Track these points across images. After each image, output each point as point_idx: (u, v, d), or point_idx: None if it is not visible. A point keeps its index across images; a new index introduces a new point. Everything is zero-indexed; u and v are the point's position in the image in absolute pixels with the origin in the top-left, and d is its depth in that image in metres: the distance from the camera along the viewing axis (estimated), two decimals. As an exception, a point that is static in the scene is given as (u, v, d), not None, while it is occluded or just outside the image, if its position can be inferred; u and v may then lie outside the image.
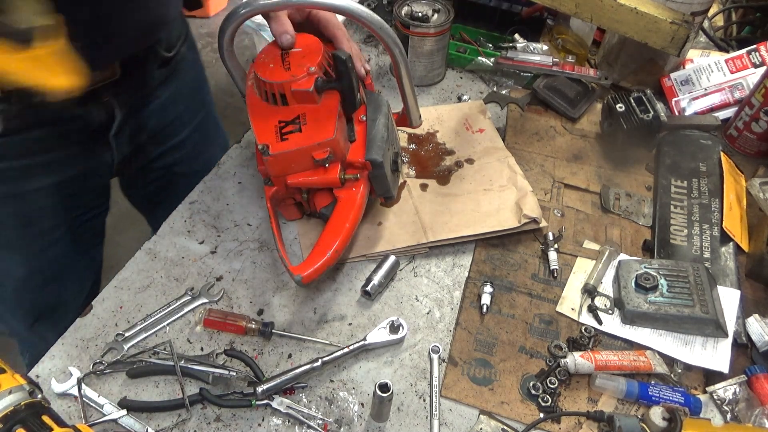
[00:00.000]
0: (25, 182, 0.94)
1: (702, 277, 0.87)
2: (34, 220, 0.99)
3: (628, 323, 0.87)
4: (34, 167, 0.93)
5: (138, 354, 0.81)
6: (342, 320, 0.87)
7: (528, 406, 0.79)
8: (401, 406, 0.79)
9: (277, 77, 0.83)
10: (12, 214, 0.96)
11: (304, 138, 0.81)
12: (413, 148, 1.11)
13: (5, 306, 1.10)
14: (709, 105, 1.21)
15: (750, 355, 0.85)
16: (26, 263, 1.02)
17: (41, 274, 1.05)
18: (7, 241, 0.99)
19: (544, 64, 1.24)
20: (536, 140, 1.15)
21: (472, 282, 0.92)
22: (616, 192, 1.06)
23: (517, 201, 0.98)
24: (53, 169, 0.96)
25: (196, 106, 1.19)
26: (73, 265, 1.11)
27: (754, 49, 1.22)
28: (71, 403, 0.77)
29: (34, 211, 0.98)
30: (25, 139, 0.90)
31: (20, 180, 0.93)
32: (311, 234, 0.96)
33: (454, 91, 1.27)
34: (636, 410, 0.78)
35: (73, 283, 1.13)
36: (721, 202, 1.01)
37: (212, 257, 0.94)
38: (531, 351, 0.84)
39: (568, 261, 0.95)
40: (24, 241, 1.00)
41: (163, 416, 0.76)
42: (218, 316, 0.84)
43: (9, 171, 0.92)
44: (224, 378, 0.78)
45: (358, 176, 0.85)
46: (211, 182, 1.05)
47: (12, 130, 0.87)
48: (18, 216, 0.97)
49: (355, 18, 0.83)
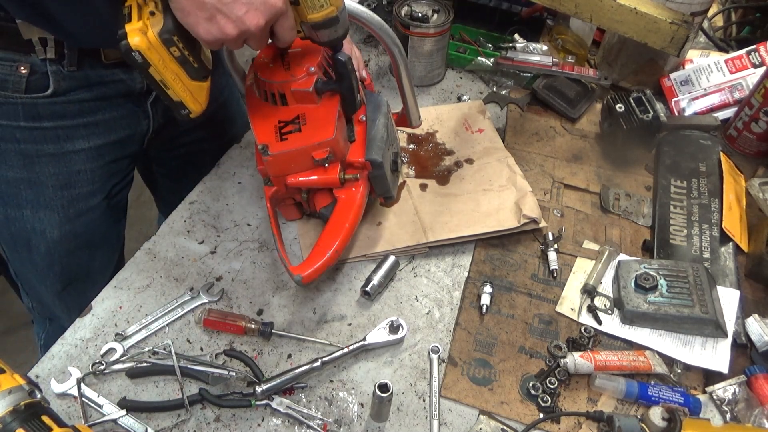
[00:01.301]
0: (68, 143, 0.96)
1: (701, 278, 0.87)
2: (74, 182, 1.01)
3: (627, 323, 0.87)
4: (78, 128, 0.96)
5: (137, 354, 0.81)
6: (342, 320, 0.87)
7: (527, 406, 0.79)
8: (401, 406, 0.79)
9: (276, 77, 0.83)
10: (53, 174, 0.98)
11: (303, 138, 0.81)
12: (413, 148, 1.11)
13: (36, 270, 1.11)
14: (709, 105, 1.21)
15: (749, 355, 0.85)
16: (61, 225, 1.04)
17: (75, 239, 1.07)
18: (46, 201, 1.01)
19: (543, 64, 1.24)
20: (536, 140, 1.15)
21: (471, 282, 0.92)
22: (616, 192, 1.06)
23: (516, 201, 0.98)
24: (95, 132, 0.98)
25: (222, 83, 1.19)
26: (104, 234, 1.12)
27: (753, 49, 1.22)
28: (71, 404, 0.77)
29: (74, 174, 1.00)
30: (72, 101, 0.92)
31: (63, 141, 0.96)
32: (311, 234, 0.96)
33: (453, 92, 1.27)
34: (635, 410, 0.78)
35: (102, 253, 1.15)
36: (721, 202, 1.01)
37: (212, 257, 0.94)
38: (531, 351, 0.84)
39: (567, 261, 0.95)
40: (62, 202, 1.02)
41: (162, 416, 0.76)
42: (218, 316, 0.84)
43: (54, 130, 0.94)
44: (224, 378, 0.78)
45: (358, 176, 0.85)
46: (210, 182, 1.05)
47: (61, 91, 0.90)
48: (58, 176, 0.99)
49: (354, 18, 0.83)
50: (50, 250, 1.06)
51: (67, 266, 1.10)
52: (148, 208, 2.40)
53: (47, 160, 0.96)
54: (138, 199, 2.44)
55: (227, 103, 1.24)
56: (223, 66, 1.18)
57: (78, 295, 1.15)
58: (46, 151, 0.95)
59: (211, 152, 1.15)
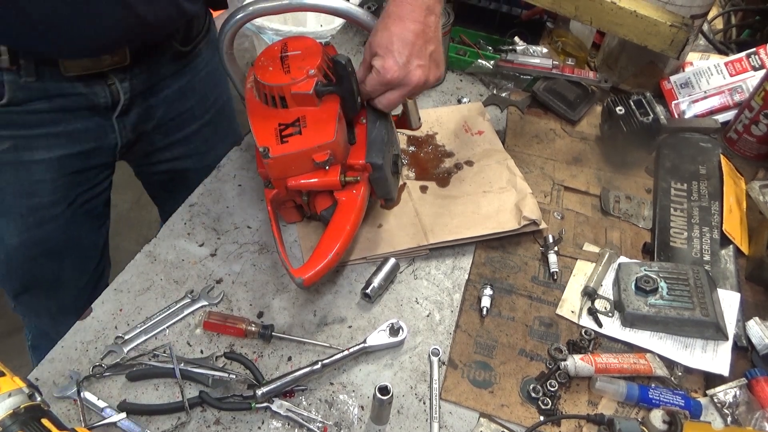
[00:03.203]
0: (27, 153, 0.95)
1: (702, 280, 0.87)
2: (34, 191, 1.00)
3: (628, 326, 0.87)
4: (38, 138, 0.95)
5: (137, 357, 0.81)
6: (342, 323, 0.87)
7: (528, 409, 0.79)
8: (401, 408, 0.78)
9: (276, 80, 0.83)
10: (12, 182, 0.98)
11: (304, 140, 0.81)
12: (413, 150, 1.11)
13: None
14: (709, 108, 1.21)
15: (750, 358, 0.85)
16: (21, 233, 1.03)
17: (36, 247, 1.06)
18: (5, 209, 1.00)
19: (543, 66, 1.24)
20: (536, 143, 1.15)
21: (472, 284, 0.92)
22: (616, 195, 1.06)
23: (516, 203, 0.98)
24: (56, 143, 0.97)
25: (208, 102, 1.18)
26: (74, 241, 1.11)
27: (753, 52, 1.22)
28: (71, 406, 0.76)
29: (34, 183, 0.99)
30: (30, 111, 0.91)
31: (22, 150, 0.95)
32: (312, 236, 0.96)
33: (453, 94, 1.27)
34: (636, 413, 0.78)
35: (73, 261, 1.13)
36: (721, 204, 1.01)
37: (212, 260, 0.94)
38: (531, 354, 0.84)
39: (568, 263, 0.95)
40: (21, 210, 1.01)
41: (162, 419, 0.76)
42: (218, 318, 0.84)
43: (11, 139, 0.93)
44: (224, 381, 0.78)
45: (359, 178, 0.85)
46: (211, 185, 1.05)
47: (16, 101, 0.89)
48: (17, 185, 0.98)
49: (354, 21, 0.83)
50: (9, 257, 1.06)
51: (28, 272, 1.09)
52: (147, 210, 2.40)
53: (5, 168, 0.95)
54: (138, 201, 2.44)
55: (213, 122, 1.21)
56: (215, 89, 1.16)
57: (39, 301, 1.15)
58: (4, 159, 0.94)
59: (194, 171, 1.13)
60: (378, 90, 0.83)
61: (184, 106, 1.13)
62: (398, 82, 0.80)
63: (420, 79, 0.80)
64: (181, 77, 1.09)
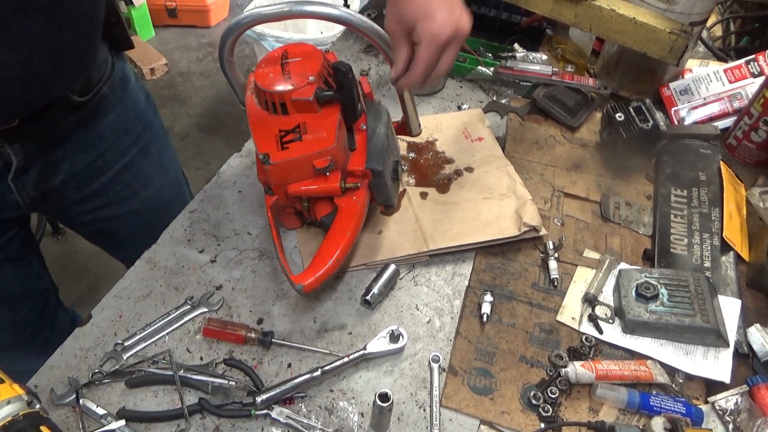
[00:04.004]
0: None
1: (703, 287, 0.87)
2: None
3: (628, 332, 0.87)
4: None
5: (137, 363, 0.81)
6: (342, 329, 0.87)
7: (528, 416, 0.78)
8: (401, 416, 0.78)
9: (277, 86, 0.83)
10: None
11: (304, 147, 0.81)
12: (413, 157, 1.11)
13: None
14: (708, 114, 1.21)
15: (751, 365, 0.85)
16: None
17: None
18: None
19: (543, 73, 1.24)
20: (536, 149, 1.15)
21: (472, 291, 0.92)
22: (616, 201, 1.06)
23: (516, 209, 0.98)
24: None
25: (123, 146, 1.07)
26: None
27: (752, 59, 1.22)
28: (69, 414, 0.76)
29: None
30: None
31: None
32: (312, 243, 0.96)
33: (453, 101, 1.27)
34: (637, 420, 0.78)
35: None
36: (721, 211, 1.01)
37: (212, 266, 0.94)
38: (531, 360, 0.84)
39: (568, 270, 0.95)
40: None
41: (161, 426, 0.76)
42: (218, 325, 0.84)
43: None
44: (223, 388, 0.78)
45: (359, 185, 0.85)
46: (211, 191, 1.05)
47: None
48: None
49: (354, 28, 0.83)
50: None
51: None
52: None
53: None
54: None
55: (133, 164, 1.11)
56: (132, 129, 1.07)
57: None
58: None
59: (122, 219, 1.06)
60: (434, 59, 0.79)
61: (92, 156, 1.03)
62: (452, 36, 0.78)
63: (467, 23, 0.78)
64: (83, 128, 0.99)
